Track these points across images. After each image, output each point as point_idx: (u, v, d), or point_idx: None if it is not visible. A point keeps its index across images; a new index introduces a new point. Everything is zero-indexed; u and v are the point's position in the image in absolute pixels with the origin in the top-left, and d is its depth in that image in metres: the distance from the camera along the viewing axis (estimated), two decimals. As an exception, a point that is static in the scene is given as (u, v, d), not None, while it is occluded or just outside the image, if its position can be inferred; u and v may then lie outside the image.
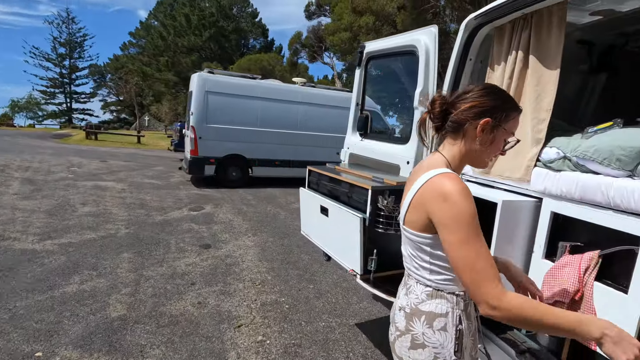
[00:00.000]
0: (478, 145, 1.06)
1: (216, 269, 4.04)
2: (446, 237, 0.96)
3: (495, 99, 1.06)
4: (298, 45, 23.31)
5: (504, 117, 1.05)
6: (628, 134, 1.43)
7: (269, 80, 9.57)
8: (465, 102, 1.06)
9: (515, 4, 1.83)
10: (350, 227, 2.06)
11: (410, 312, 1.11)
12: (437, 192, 0.98)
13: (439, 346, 1.06)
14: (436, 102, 1.09)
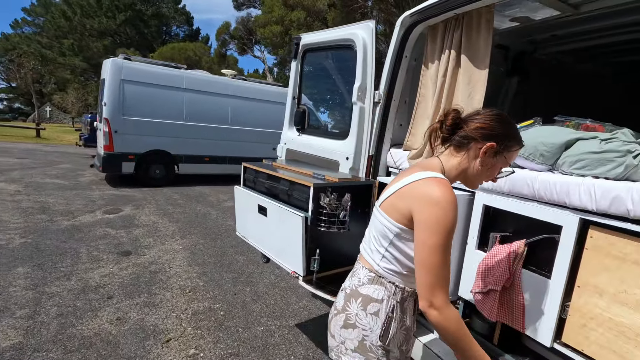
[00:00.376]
0: (478, 166, 1.11)
1: (138, 278, 3.62)
2: (423, 236, 1.00)
3: (504, 127, 1.11)
4: (226, 36, 22.28)
5: (507, 146, 1.11)
6: (549, 131, 1.55)
7: (196, 71, 8.95)
8: (476, 121, 1.10)
9: (448, 3, 1.89)
10: (291, 227, 1.95)
11: (350, 293, 1.17)
12: (429, 194, 1.01)
13: (368, 329, 1.11)
14: (450, 115, 1.13)
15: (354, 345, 1.13)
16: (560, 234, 1.43)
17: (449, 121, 1.12)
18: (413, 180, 1.06)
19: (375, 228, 1.17)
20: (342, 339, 1.16)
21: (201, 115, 8.19)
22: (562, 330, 1.46)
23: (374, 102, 2.35)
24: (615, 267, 1.29)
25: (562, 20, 2.20)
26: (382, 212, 1.13)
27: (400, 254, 1.11)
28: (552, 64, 3.03)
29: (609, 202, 1.27)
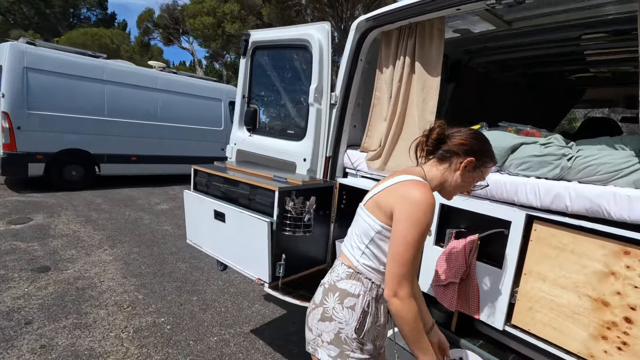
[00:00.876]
0: (458, 178, 1.22)
1: (63, 297, 3.18)
2: (401, 232, 1.09)
3: (482, 145, 1.24)
4: (149, 24, 20.47)
5: (483, 162, 1.24)
6: (496, 136, 1.72)
7: (118, 61, 8.10)
8: (458, 138, 1.22)
9: (404, 12, 1.97)
10: (255, 233, 1.87)
11: (328, 288, 1.24)
12: (411, 194, 1.11)
13: (344, 322, 1.18)
14: (435, 130, 1.23)
15: (330, 338, 1.19)
16: (510, 228, 1.61)
17: (434, 135, 1.22)
18: (397, 182, 1.17)
19: (358, 226, 1.24)
20: (319, 332, 1.21)
21: (126, 110, 7.44)
22: (512, 314, 1.64)
23: (330, 103, 2.36)
24: (555, 256, 1.49)
25: (495, 34, 2.45)
26: (367, 211, 1.21)
27: (379, 252, 1.19)
28: (481, 72, 3.36)
29: (551, 199, 1.46)
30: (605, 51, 2.72)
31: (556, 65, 3.20)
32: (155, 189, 8.01)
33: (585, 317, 1.42)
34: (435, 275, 1.85)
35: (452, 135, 1.22)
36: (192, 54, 20.60)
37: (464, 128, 1.26)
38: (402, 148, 2.10)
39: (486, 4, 1.62)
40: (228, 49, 14.17)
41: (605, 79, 3.53)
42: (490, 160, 1.26)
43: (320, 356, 1.21)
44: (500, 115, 3.18)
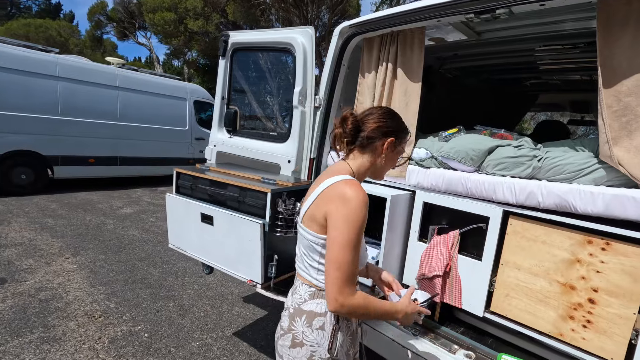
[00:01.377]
0: (383, 159, 1.22)
1: (25, 310, 2.96)
2: (334, 234, 1.05)
3: (395, 122, 1.24)
4: (102, 17, 19.26)
5: (401, 138, 1.25)
6: (475, 139, 1.87)
7: (72, 56, 7.58)
8: (372, 121, 1.19)
9: (387, 21, 2.08)
10: (247, 235, 1.88)
11: (294, 312, 1.18)
12: (339, 194, 1.07)
13: (316, 344, 1.14)
14: (348, 119, 1.19)
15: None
16: (488, 223, 1.76)
17: (349, 126, 1.18)
18: (325, 187, 1.11)
19: (303, 245, 1.19)
20: (291, 358, 1.17)
21: (82, 109, 7.00)
22: (491, 302, 1.79)
23: (314, 106, 2.42)
24: (529, 247, 1.66)
25: (465, 43, 2.63)
26: (305, 227, 1.15)
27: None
28: (449, 77, 3.58)
29: (525, 196, 1.62)
30: (559, 61, 3.02)
31: (516, 72, 3.49)
32: (116, 192, 7.60)
33: (555, 301, 1.60)
34: (420, 269, 1.97)
35: (366, 120, 1.20)
36: (150, 50, 19.65)
37: (373, 109, 1.25)
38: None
39: (465, 17, 1.76)
40: (190, 46, 13.73)
41: (555, 86, 3.90)
42: (406, 134, 1.28)
43: None
44: (467, 117, 3.41)
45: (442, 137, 2.06)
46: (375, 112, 1.22)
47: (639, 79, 1.40)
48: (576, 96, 4.23)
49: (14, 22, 18.82)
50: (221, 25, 12.97)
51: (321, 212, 1.09)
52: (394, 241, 2.04)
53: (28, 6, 30.82)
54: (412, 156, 2.08)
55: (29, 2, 30.96)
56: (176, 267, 4.10)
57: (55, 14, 30.22)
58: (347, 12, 14.56)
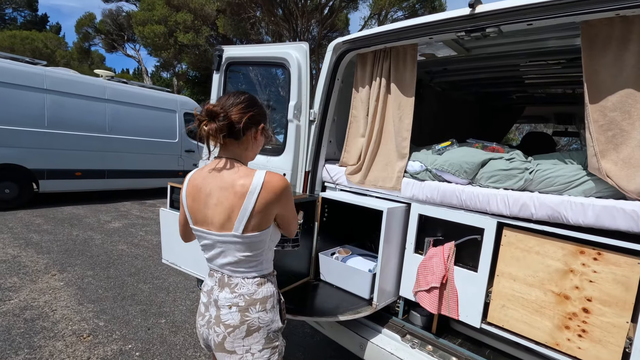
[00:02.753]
0: (258, 144, 1.33)
1: (9, 330, 2.85)
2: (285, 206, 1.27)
3: (259, 108, 1.31)
4: (90, 29, 19.16)
5: (266, 121, 1.34)
6: (467, 152, 1.92)
7: (60, 69, 7.50)
8: (240, 113, 1.22)
9: (380, 38, 2.13)
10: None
11: (246, 305, 1.25)
12: (277, 187, 1.21)
13: (270, 322, 1.28)
14: (219, 115, 1.19)
15: (261, 345, 1.25)
16: (483, 235, 1.79)
17: (221, 122, 1.18)
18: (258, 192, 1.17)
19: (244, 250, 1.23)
20: (247, 347, 1.24)
21: (70, 122, 6.89)
22: (487, 313, 1.81)
23: (309, 120, 2.45)
24: (523, 258, 1.69)
25: (455, 58, 2.71)
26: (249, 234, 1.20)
27: (272, 243, 1.33)
28: (438, 91, 3.67)
29: (518, 208, 1.66)
30: (543, 76, 3.13)
31: (503, 86, 3.60)
32: (104, 205, 7.46)
33: (550, 310, 1.62)
34: (417, 281, 1.99)
35: (230, 112, 1.21)
36: (139, 62, 19.57)
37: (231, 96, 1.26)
38: (380, 162, 2.24)
39: (457, 35, 1.82)
40: (180, 58, 13.74)
41: (541, 99, 4.03)
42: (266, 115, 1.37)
43: None
44: (457, 129, 3.48)
45: (435, 150, 2.10)
46: (239, 103, 1.23)
47: (623, 95, 1.47)
48: (560, 108, 4.38)
49: (0, 34, 18.57)
50: (211, 38, 13.05)
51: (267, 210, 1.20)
52: (390, 253, 2.06)
53: (13, 18, 30.47)
54: (406, 169, 2.11)
55: (14, 13, 30.61)
56: (167, 283, 4.02)
57: (41, 26, 29.93)
58: (335, 26, 14.83)
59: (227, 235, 1.21)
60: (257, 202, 1.17)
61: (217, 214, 1.22)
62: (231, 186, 1.19)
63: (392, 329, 2.06)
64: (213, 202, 1.22)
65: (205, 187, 1.24)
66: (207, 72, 15.16)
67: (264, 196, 1.17)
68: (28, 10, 30.76)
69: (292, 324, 3.29)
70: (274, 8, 12.76)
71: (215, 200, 1.21)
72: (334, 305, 2.04)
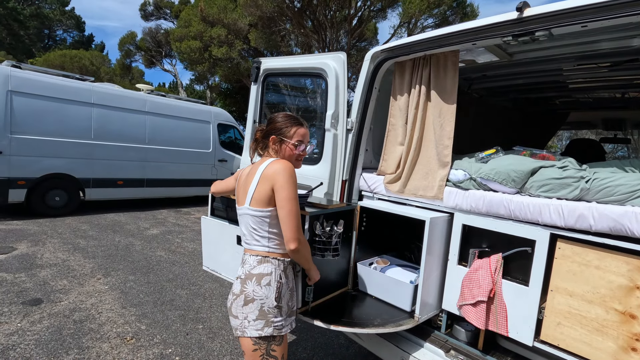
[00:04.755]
0: (279, 152, 1.65)
1: (60, 331, 3.01)
2: (283, 194, 1.46)
3: (278, 122, 1.65)
4: (131, 46, 20.39)
5: (282, 132, 1.63)
6: (515, 160, 1.84)
7: (106, 84, 8.00)
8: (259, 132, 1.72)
9: (420, 46, 2.11)
10: None
11: (245, 277, 1.52)
12: (279, 167, 1.48)
13: (264, 297, 1.49)
14: (258, 131, 1.73)
15: (255, 315, 1.48)
16: (534, 247, 1.70)
17: (258, 135, 1.72)
18: (263, 170, 1.51)
19: (252, 222, 1.54)
20: (245, 315, 1.49)
21: (113, 133, 7.31)
22: (540, 330, 1.71)
23: (346, 129, 2.45)
24: (580, 272, 1.58)
25: (495, 64, 2.63)
26: (254, 208, 1.52)
27: (277, 230, 1.53)
28: (475, 98, 3.57)
29: (575, 219, 1.57)
30: (592, 80, 2.97)
31: (545, 91, 3.45)
32: (142, 213, 7.79)
33: (613, 330, 1.50)
34: (461, 295, 1.91)
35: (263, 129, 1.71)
36: (175, 76, 20.55)
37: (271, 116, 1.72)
38: (420, 171, 2.20)
39: (503, 40, 1.77)
40: (214, 72, 14.30)
41: (587, 104, 3.82)
42: (291, 126, 1.64)
43: (250, 334, 1.48)
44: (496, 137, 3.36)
45: (479, 158, 2.03)
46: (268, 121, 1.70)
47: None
48: (609, 114, 4.13)
49: (51, 54, 20.16)
50: (243, 51, 13.49)
51: (266, 190, 1.48)
52: (432, 264, 2.00)
53: (63, 38, 32.99)
54: (449, 178, 2.05)
55: (64, 34, 33.15)
56: (203, 289, 4.11)
57: (87, 45, 32.20)
58: (364, 35, 14.90)
59: (242, 208, 1.57)
60: (260, 179, 1.49)
61: (241, 192, 1.60)
62: (253, 171, 1.56)
63: (434, 343, 1.98)
64: (242, 183, 1.61)
65: (244, 173, 1.65)
66: (239, 85, 15.65)
67: (265, 174, 1.48)
68: (76, 31, 33.24)
69: (328, 335, 3.26)
70: (304, 20, 13.02)
71: (244, 182, 1.59)
72: (373, 316, 2.00)
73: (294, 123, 1.65)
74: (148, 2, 19.42)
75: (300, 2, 12.40)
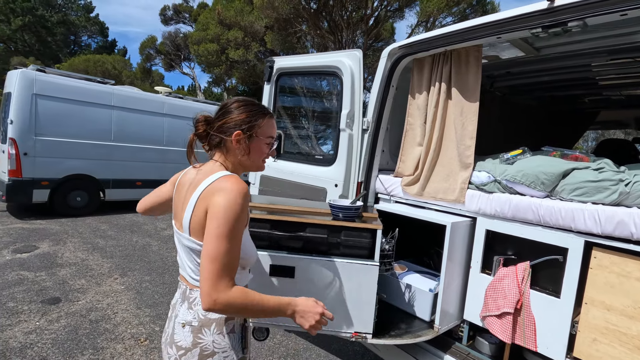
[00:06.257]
0: (244, 153, 1.16)
1: (76, 330, 3.03)
2: (210, 226, 0.99)
3: (238, 114, 1.15)
4: (152, 50, 20.88)
5: (252, 126, 1.15)
6: (545, 161, 1.71)
7: (126, 87, 8.16)
8: (217, 121, 1.16)
9: (441, 40, 2.00)
10: (357, 281, 1.66)
11: (199, 325, 1.09)
12: (217, 189, 1.03)
13: (229, 349, 1.10)
14: (199, 123, 1.18)
15: None
16: (566, 255, 1.56)
17: (200, 129, 1.17)
18: (203, 190, 1.06)
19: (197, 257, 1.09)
20: None
21: (132, 135, 7.44)
22: (573, 346, 1.57)
23: (362, 129, 2.36)
24: (620, 284, 1.44)
25: (520, 60, 2.49)
26: (194, 239, 1.07)
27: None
28: (498, 96, 3.41)
29: (613, 226, 1.43)
30: (624, 75, 2.78)
31: (573, 88, 3.26)
32: (160, 213, 7.89)
33: (658, 349, 1.36)
34: (485, 305, 1.79)
35: (214, 121, 1.18)
36: (194, 79, 20.90)
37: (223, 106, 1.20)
38: (440, 173, 2.09)
39: (531, 32, 1.65)
40: (231, 74, 14.45)
41: (619, 102, 3.60)
42: (259, 117, 1.17)
43: None
44: (520, 137, 3.19)
45: (504, 160, 1.91)
46: (220, 112, 1.18)
47: None
48: (643, 112, 3.88)
49: (76, 58, 20.87)
50: (259, 53, 13.58)
51: (203, 214, 1.03)
52: (453, 272, 1.88)
53: (88, 44, 34.12)
54: (471, 180, 1.94)
55: (89, 40, 34.29)
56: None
57: (111, 50, 33.19)
58: (381, 35, 14.73)
59: (181, 235, 1.12)
60: (199, 199, 1.05)
61: (179, 208, 1.16)
62: (197, 182, 1.11)
63: (455, 355, 1.87)
64: (182, 195, 1.16)
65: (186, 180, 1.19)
66: (255, 87, 15.75)
67: (206, 193, 1.04)
68: (100, 36, 34.33)
69: (343, 342, 3.17)
70: (320, 21, 12.99)
71: (184, 193, 1.15)
72: (391, 325, 1.90)
73: (262, 111, 1.19)
74: (168, 7, 19.89)
75: (317, 3, 12.38)
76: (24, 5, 27.33)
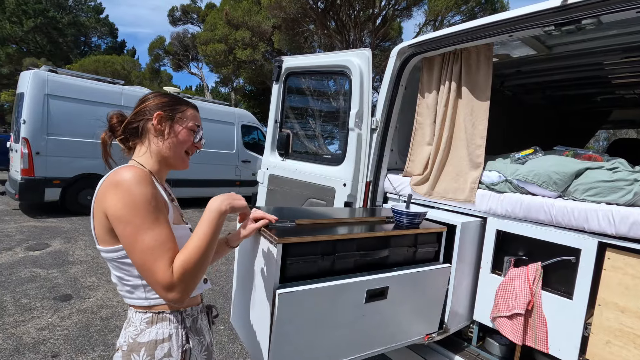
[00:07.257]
0: (165, 139, 1.06)
1: (88, 327, 3.08)
2: (120, 229, 0.89)
3: (162, 98, 1.11)
4: (160, 51, 21.07)
5: (174, 110, 1.09)
6: (557, 160, 1.69)
7: (135, 87, 8.26)
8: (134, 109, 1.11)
9: (451, 39, 1.99)
10: (431, 285, 1.64)
11: (128, 349, 0.97)
12: (110, 185, 0.91)
13: None
14: (114, 117, 1.11)
15: None
16: (579, 256, 1.54)
17: (114, 120, 1.10)
18: (95, 195, 0.96)
19: (112, 268, 1.02)
20: None
21: (142, 134, 7.53)
22: (586, 348, 1.55)
23: (371, 128, 2.35)
24: (634, 286, 1.42)
25: (531, 58, 2.46)
26: (102, 247, 0.97)
27: None
28: (508, 95, 3.38)
29: (628, 226, 1.40)
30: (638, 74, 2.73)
31: (585, 87, 3.22)
32: (169, 212, 7.96)
33: (674, 353, 1.34)
34: (495, 306, 1.77)
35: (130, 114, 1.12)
36: (201, 79, 21.06)
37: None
38: (450, 172, 2.07)
39: (544, 30, 1.63)
40: (238, 74, 14.54)
41: (632, 100, 3.54)
42: (178, 103, 1.11)
43: None
44: (530, 136, 3.16)
45: (515, 159, 1.89)
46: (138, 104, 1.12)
47: None
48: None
49: (86, 59, 21.15)
50: (267, 53, 13.63)
51: (104, 218, 0.92)
52: (463, 272, 1.87)
53: (98, 45, 34.55)
54: (482, 180, 1.92)
55: (99, 41, 34.73)
56: (225, 289, 4.11)
57: (120, 51, 33.57)
58: (388, 35, 14.67)
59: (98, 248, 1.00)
60: (95, 200, 0.94)
61: None
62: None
63: (465, 356, 1.85)
64: None
65: None
66: (263, 87, 15.81)
67: (98, 196, 0.94)
68: (110, 37, 34.74)
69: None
70: (327, 21, 12.98)
71: None
72: (399, 325, 1.89)
73: (184, 101, 1.14)
74: (176, 8, 20.05)
75: (324, 3, 12.38)
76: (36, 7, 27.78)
